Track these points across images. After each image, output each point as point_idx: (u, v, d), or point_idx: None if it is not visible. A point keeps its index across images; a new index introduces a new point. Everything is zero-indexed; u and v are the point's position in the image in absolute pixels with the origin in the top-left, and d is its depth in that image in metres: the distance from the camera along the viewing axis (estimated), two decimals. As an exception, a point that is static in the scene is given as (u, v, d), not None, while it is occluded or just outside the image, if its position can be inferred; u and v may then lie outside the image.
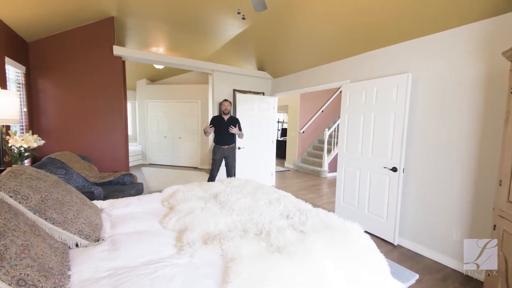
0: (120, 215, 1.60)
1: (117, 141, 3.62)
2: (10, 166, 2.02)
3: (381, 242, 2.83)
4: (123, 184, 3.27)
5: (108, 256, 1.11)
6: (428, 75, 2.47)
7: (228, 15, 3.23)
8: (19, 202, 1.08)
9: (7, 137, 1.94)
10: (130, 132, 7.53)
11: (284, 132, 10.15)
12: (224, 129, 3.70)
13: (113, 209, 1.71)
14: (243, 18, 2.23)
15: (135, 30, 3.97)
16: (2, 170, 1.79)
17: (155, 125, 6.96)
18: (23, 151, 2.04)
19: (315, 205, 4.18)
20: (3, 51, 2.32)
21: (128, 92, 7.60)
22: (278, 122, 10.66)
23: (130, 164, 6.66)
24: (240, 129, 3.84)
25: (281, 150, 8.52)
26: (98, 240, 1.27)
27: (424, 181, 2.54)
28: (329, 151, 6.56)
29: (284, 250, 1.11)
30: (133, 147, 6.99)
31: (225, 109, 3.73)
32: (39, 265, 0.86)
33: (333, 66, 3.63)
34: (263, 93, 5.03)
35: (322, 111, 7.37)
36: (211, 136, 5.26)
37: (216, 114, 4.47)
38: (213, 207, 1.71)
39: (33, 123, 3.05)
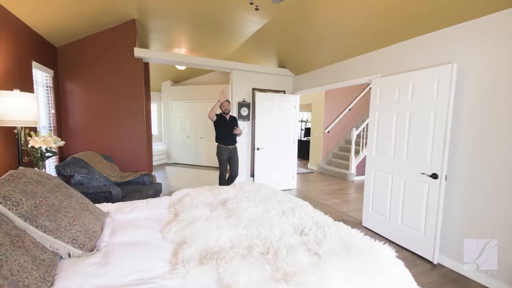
0: (123, 221, 1.52)
1: (138, 141, 3.67)
2: (32, 167, 2.09)
3: (417, 259, 2.46)
4: (143, 184, 3.29)
5: (96, 271, 1.01)
6: (478, 66, 2.05)
7: (247, 11, 3.07)
8: (9, 209, 1.03)
9: (29, 138, 2.00)
10: (156, 132, 7.78)
11: (307, 131, 9.76)
12: (228, 129, 3.67)
13: (118, 213, 1.64)
14: (257, 9, 2.05)
15: (157, 32, 4.01)
16: (19, 171, 1.84)
17: (179, 125, 7.09)
18: (44, 152, 2.09)
19: (340, 212, 3.90)
20: (30, 56, 2.42)
21: (154, 93, 7.87)
22: (302, 121, 10.30)
23: (155, 163, 6.87)
24: (237, 127, 3.79)
25: (304, 150, 8.19)
26: (92, 250, 1.19)
27: (472, 192, 2.13)
28: (357, 152, 6.09)
29: (292, 278, 0.91)
30: (158, 147, 7.21)
31: (225, 109, 3.65)
32: (11, 284, 0.77)
33: (360, 59, 3.28)
34: (284, 91, 4.79)
35: (350, 110, 6.89)
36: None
37: (236, 115, 4.35)
38: (219, 216, 1.56)
39: (62, 124, 3.20)
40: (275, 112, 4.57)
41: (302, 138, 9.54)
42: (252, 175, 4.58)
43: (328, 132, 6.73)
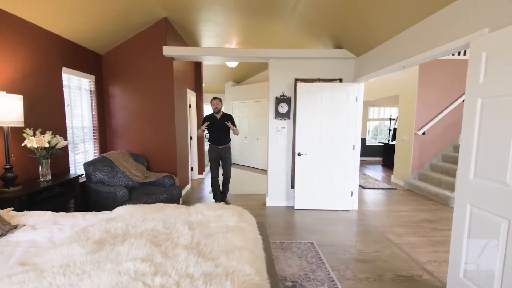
0: (4, 245, 1.28)
1: (167, 141, 3.63)
2: (36, 166, 2.23)
3: None
4: (163, 186, 3.18)
5: None
6: None
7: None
8: None
9: (30, 136, 2.13)
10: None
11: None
12: (217, 128, 3.52)
13: (25, 230, 1.42)
14: None
15: (190, 28, 3.87)
16: (9, 169, 1.96)
17: (238, 126, 6.96)
18: (47, 151, 2.21)
19: (411, 261, 2.55)
20: (60, 62, 2.69)
21: (218, 96, 8.16)
22: (390, 119, 8.10)
23: (216, 163, 7.03)
24: (234, 125, 3.58)
25: (390, 158, 6.36)
26: None
27: None
28: (470, 166, 3.99)
29: None
30: (220, 147, 7.36)
31: (215, 108, 3.50)
32: None
33: (450, 11, 1.89)
34: (340, 80, 3.64)
35: (463, 101, 4.67)
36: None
37: (273, 112, 3.64)
38: (89, 265, 1.01)
39: (106, 124, 3.54)
40: (324, 106, 3.53)
41: (390, 142, 7.47)
42: (293, 187, 3.72)
43: (423, 134, 4.82)
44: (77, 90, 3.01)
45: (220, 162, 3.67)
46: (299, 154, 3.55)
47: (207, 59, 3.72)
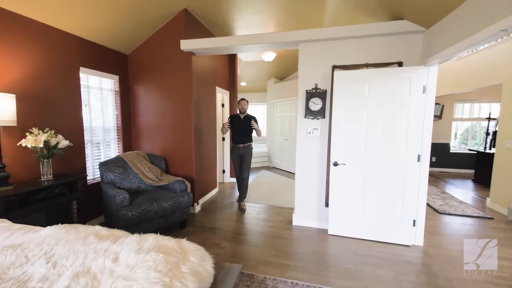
0: None
1: (184, 142, 3.37)
2: (37, 165, 2.22)
3: None
4: (173, 192, 2.92)
5: None
6: None
7: None
8: None
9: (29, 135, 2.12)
10: (265, 133, 7.55)
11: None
12: (239, 128, 3.56)
13: None
14: None
15: (215, 19, 3.51)
16: (1, 168, 1.95)
17: (279, 126, 6.35)
18: (45, 150, 2.17)
19: None
20: (77, 63, 2.71)
21: (261, 94, 7.65)
22: (489, 119, 5.94)
23: (257, 165, 6.60)
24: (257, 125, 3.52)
25: (485, 171, 4.69)
26: None
27: None
28: None
29: None
30: (261, 149, 6.91)
31: (242, 108, 3.58)
32: None
33: None
34: (399, 63, 2.63)
35: None
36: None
37: (302, 110, 2.93)
38: None
39: (131, 124, 3.54)
40: (374, 101, 2.61)
41: (486, 150, 5.49)
42: (327, 205, 2.91)
43: (546, 140, 3.19)
44: (98, 90, 3.04)
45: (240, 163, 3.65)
46: (335, 164, 2.73)
47: (227, 50, 3.28)
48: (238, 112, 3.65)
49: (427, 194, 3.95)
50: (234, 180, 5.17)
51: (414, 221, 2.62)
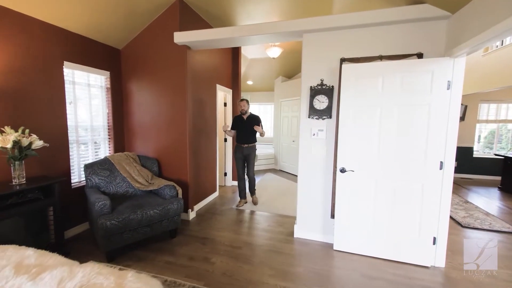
0: None
1: (178, 143, 3.13)
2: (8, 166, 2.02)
3: None
4: (163, 198, 2.67)
5: None
6: None
7: None
8: None
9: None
10: (271, 134, 7.24)
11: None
12: (243, 128, 3.60)
13: None
14: None
15: (215, 10, 3.25)
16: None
17: (286, 127, 6.03)
18: (17, 151, 1.97)
19: None
20: (60, 57, 2.52)
21: (268, 94, 7.34)
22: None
23: (263, 168, 6.31)
24: (261, 127, 3.57)
25: None
26: None
27: None
28: None
29: None
30: (267, 150, 6.61)
31: (242, 109, 3.59)
32: None
33: None
34: (419, 55, 2.26)
35: None
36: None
37: (306, 108, 2.61)
38: None
39: (123, 123, 3.33)
40: (388, 98, 2.26)
41: (517, 155, 4.94)
42: (333, 216, 2.57)
43: None
44: (85, 87, 2.84)
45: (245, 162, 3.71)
46: (342, 171, 2.39)
47: (225, 43, 3.00)
48: (240, 112, 3.64)
49: (449, 205, 3.52)
50: (236, 183, 4.90)
51: (434, 238, 2.25)
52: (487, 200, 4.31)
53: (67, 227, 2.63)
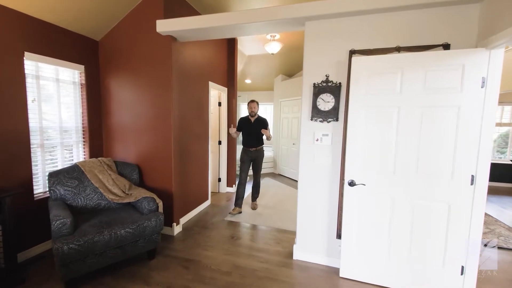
0: None
1: (162, 146, 2.75)
2: None
3: None
4: (141, 212, 2.29)
5: None
6: None
7: None
8: None
9: None
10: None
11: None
12: (250, 131, 3.44)
13: None
14: None
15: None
16: None
17: (286, 128, 5.64)
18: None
19: None
20: (19, 47, 2.14)
21: (267, 93, 6.94)
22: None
23: (262, 172, 5.91)
24: (268, 130, 3.40)
25: None
26: None
27: None
28: None
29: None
30: (266, 153, 6.21)
31: (252, 111, 3.44)
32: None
33: None
34: (445, 46, 1.87)
35: None
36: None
37: (308, 109, 2.22)
38: None
39: (102, 124, 2.95)
40: (408, 98, 1.87)
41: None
42: (339, 236, 2.19)
43: None
44: (53, 83, 2.46)
45: (252, 164, 3.59)
46: (351, 184, 2.00)
47: (215, 33, 2.60)
48: (248, 114, 3.49)
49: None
50: (231, 190, 4.52)
51: (462, 267, 1.86)
52: (503, 210, 3.92)
53: (28, 245, 2.25)
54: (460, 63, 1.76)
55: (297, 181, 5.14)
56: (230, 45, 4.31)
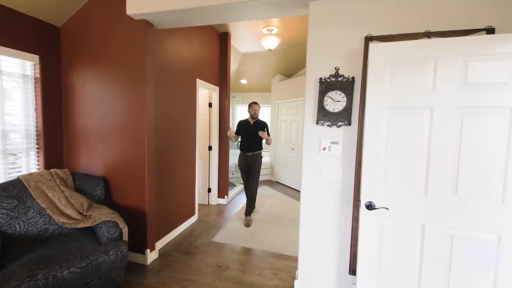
0: None
1: (134, 156, 2.26)
2: None
3: None
4: (98, 241, 1.79)
5: None
6: None
7: None
8: None
9: None
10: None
11: None
12: (248, 134, 3.26)
13: None
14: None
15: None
16: None
17: (284, 132, 5.20)
18: None
19: None
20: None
21: (264, 95, 6.50)
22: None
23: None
24: (268, 134, 3.20)
25: None
26: None
27: None
28: None
29: None
30: (263, 158, 5.75)
31: (254, 113, 3.27)
32: None
33: None
34: (488, 30, 1.45)
35: None
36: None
37: (312, 111, 1.76)
38: None
39: (62, 127, 2.45)
40: (443, 96, 1.43)
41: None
42: (353, 272, 1.72)
43: None
44: (-6, 75, 1.97)
45: (248, 173, 3.32)
46: (370, 207, 1.54)
47: (201, 16, 2.14)
48: (249, 117, 3.34)
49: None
50: (223, 201, 4.04)
51: (516, 319, 1.40)
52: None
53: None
54: (510, 52, 1.33)
55: (296, 189, 4.70)
56: (223, 40, 3.87)
